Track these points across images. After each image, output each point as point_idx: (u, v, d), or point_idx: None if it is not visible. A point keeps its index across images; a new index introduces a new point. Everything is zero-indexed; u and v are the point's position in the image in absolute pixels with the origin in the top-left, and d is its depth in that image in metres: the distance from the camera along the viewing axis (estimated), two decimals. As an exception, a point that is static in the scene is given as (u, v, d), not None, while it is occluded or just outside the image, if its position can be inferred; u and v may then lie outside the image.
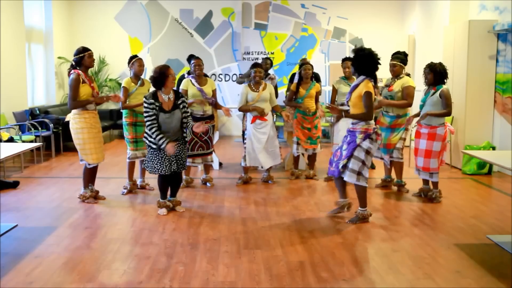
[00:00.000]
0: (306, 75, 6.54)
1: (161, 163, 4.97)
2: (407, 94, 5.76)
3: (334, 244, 4.28)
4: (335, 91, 6.60)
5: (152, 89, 5.20)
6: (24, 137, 7.77)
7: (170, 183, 5.22)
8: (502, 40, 7.33)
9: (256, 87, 6.23)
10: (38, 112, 8.89)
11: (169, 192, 5.27)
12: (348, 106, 4.90)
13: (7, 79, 8.13)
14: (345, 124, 6.48)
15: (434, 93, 5.43)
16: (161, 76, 4.91)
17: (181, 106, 5.06)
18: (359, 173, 4.69)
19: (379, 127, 5.94)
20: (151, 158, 5.01)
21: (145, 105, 4.89)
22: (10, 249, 4.11)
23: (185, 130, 5.20)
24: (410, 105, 5.76)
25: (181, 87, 6.05)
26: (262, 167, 6.42)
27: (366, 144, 4.67)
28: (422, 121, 5.52)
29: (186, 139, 5.42)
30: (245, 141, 6.36)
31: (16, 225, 4.68)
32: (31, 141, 7.79)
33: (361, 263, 3.86)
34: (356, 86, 4.72)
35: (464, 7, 8.32)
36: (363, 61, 4.67)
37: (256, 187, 6.37)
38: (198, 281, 3.51)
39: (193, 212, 5.23)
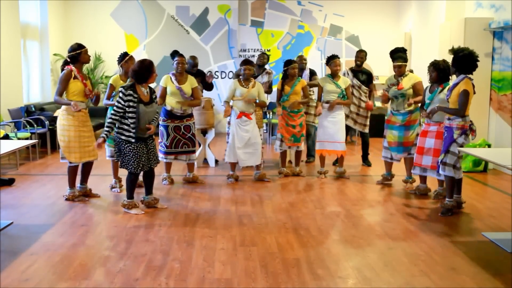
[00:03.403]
0: (293, 74, 6.52)
1: (138, 159, 4.90)
2: (419, 89, 5.86)
3: (329, 241, 4.29)
4: (320, 88, 6.60)
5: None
6: (20, 134, 7.74)
7: (145, 180, 5.20)
8: (498, 38, 7.35)
9: (245, 83, 6.23)
10: (33, 109, 8.84)
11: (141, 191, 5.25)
12: (448, 102, 5.08)
13: (2, 76, 8.09)
14: (331, 121, 6.47)
15: (441, 91, 5.37)
16: (147, 72, 4.88)
17: (155, 100, 5.10)
18: (454, 166, 4.95)
19: (391, 125, 5.97)
20: (128, 153, 4.89)
21: (120, 95, 4.80)
22: (5, 246, 4.10)
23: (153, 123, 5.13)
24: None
25: (160, 83, 6.01)
26: (239, 165, 6.41)
27: (461, 139, 4.95)
28: (431, 119, 5.45)
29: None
30: (228, 136, 6.36)
31: (12, 223, 4.68)
32: (27, 138, 7.76)
33: (357, 260, 3.87)
34: (456, 84, 4.92)
35: (460, 5, 8.34)
36: (464, 61, 4.91)
37: (252, 184, 6.37)
38: (194, 278, 3.51)
39: (189, 209, 5.23)
